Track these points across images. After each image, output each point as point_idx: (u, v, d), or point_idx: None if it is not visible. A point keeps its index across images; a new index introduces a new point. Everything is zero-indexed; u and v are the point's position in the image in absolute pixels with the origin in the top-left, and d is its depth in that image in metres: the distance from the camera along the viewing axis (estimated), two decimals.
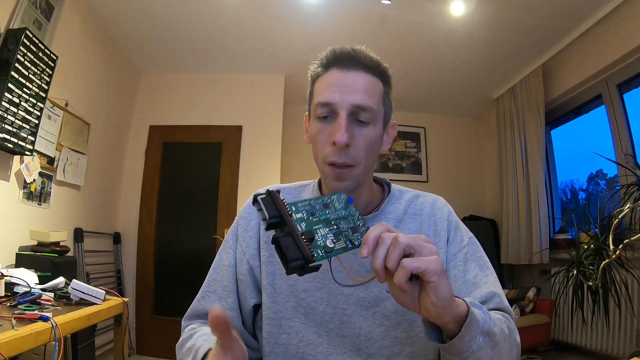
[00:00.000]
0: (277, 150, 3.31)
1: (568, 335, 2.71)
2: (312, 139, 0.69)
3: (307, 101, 0.75)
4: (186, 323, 0.74)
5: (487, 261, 0.71)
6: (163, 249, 3.24)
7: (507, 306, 0.66)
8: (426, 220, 0.74)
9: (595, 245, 1.92)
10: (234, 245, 0.77)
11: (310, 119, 0.72)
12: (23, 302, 1.26)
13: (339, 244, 0.49)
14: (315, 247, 0.47)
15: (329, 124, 0.66)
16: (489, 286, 0.66)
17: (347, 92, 0.65)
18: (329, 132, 0.65)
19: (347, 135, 0.63)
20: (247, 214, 0.78)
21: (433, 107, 4.08)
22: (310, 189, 0.79)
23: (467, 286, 0.67)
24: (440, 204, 0.77)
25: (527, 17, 2.55)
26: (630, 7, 2.33)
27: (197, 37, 2.95)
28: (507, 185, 3.44)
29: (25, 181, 2.04)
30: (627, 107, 2.58)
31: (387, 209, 0.74)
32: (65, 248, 2.05)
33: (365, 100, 0.65)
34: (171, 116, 3.41)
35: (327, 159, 0.65)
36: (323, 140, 0.66)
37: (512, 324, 0.63)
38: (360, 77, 0.66)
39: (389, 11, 2.53)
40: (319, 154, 0.67)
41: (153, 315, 3.14)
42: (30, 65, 1.92)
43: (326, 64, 0.69)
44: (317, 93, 0.69)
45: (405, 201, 0.76)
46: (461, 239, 0.72)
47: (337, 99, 0.65)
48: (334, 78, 0.67)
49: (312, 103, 0.70)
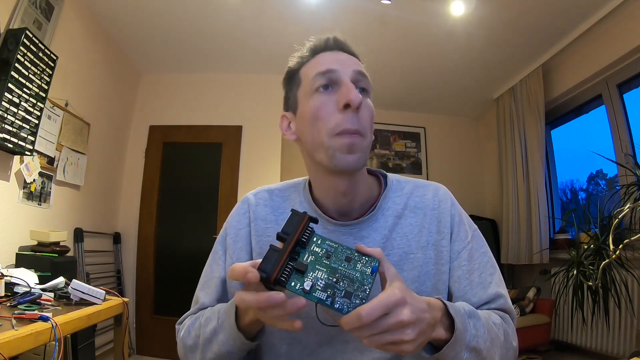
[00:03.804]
0: (277, 150, 3.31)
1: (568, 335, 2.71)
2: (312, 115, 0.63)
3: (287, 98, 0.72)
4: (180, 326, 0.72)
5: (492, 257, 0.69)
6: (163, 249, 3.24)
7: (510, 307, 0.65)
8: (428, 215, 0.70)
9: (595, 245, 1.92)
10: (222, 257, 0.72)
11: (299, 105, 0.67)
12: (23, 302, 1.25)
13: (320, 294, 0.46)
14: (297, 279, 0.46)
15: (331, 94, 0.63)
16: (494, 286, 0.65)
17: (345, 64, 0.64)
18: (335, 100, 0.62)
19: (360, 96, 0.60)
20: (236, 222, 0.73)
21: (433, 107, 4.08)
22: (299, 191, 0.74)
23: (471, 287, 0.65)
24: (442, 195, 0.72)
25: (527, 17, 2.55)
26: (630, 7, 2.33)
27: (197, 37, 2.95)
28: (507, 185, 3.44)
29: (25, 181, 2.04)
30: (627, 107, 2.58)
31: (385, 205, 0.70)
32: (65, 248, 2.05)
33: (363, 69, 0.65)
34: (171, 116, 3.41)
35: (338, 128, 0.60)
36: (329, 111, 0.62)
37: (510, 328, 0.63)
38: (351, 57, 0.67)
39: (389, 11, 2.53)
40: (323, 128, 0.62)
41: (153, 315, 3.14)
42: (30, 65, 1.92)
43: (314, 51, 0.68)
44: (308, 72, 0.66)
45: (405, 193, 0.72)
46: (465, 234, 0.69)
47: (338, 66, 0.63)
48: (327, 57, 0.66)
49: (304, 82, 0.67)
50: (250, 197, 0.75)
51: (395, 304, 0.45)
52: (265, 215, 0.72)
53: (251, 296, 0.46)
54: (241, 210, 0.74)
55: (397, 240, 0.67)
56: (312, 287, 0.46)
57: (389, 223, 0.68)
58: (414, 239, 0.67)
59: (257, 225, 0.71)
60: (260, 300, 0.45)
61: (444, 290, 0.66)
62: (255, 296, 0.45)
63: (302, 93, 0.66)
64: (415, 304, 0.47)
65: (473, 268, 0.66)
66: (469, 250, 0.68)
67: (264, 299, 0.45)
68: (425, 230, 0.68)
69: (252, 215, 0.72)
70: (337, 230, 0.67)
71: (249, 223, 0.72)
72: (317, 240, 0.49)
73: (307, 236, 0.48)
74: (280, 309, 0.45)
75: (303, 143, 0.67)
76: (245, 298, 0.46)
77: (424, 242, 0.67)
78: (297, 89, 0.68)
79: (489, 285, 0.65)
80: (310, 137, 0.64)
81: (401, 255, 0.66)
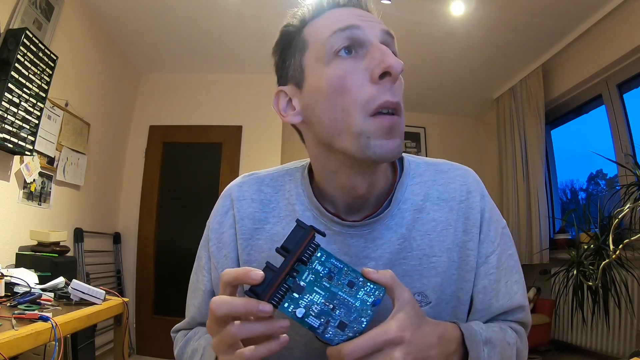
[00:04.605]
0: (277, 150, 3.31)
1: (568, 335, 2.71)
2: (334, 88, 0.48)
3: (283, 68, 0.57)
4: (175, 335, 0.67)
5: (518, 259, 0.61)
6: (163, 249, 3.24)
7: (528, 320, 0.60)
8: (455, 209, 0.57)
9: (595, 245, 1.92)
10: (207, 265, 0.61)
11: (306, 75, 0.52)
12: (23, 302, 1.25)
13: (313, 320, 0.41)
14: (291, 301, 0.42)
15: (356, 60, 0.49)
16: (519, 298, 0.58)
17: (369, 20, 0.51)
18: (365, 67, 0.48)
19: (400, 61, 0.47)
20: (218, 225, 0.61)
21: (433, 107, 4.08)
22: (296, 180, 0.60)
23: (497, 299, 0.57)
24: (471, 184, 0.59)
25: (527, 17, 2.55)
26: (630, 7, 2.33)
27: (197, 37, 2.95)
28: (507, 185, 3.44)
29: (25, 181, 2.04)
30: (627, 107, 2.58)
31: (402, 196, 0.56)
32: (65, 248, 2.05)
33: (390, 30, 0.52)
34: (171, 116, 3.41)
35: (374, 102, 0.47)
36: (357, 82, 0.47)
37: (523, 343, 0.58)
38: (372, 15, 0.53)
39: (389, 11, 2.52)
40: (352, 105, 0.47)
41: (153, 315, 3.14)
42: (30, 65, 1.92)
43: (321, 6, 0.53)
44: (319, 31, 0.51)
45: (426, 180, 0.59)
46: (495, 234, 0.58)
47: (362, 24, 0.49)
48: (344, 12, 0.51)
49: (312, 45, 0.52)
50: (233, 190, 0.61)
51: (386, 343, 0.40)
52: (252, 213, 0.59)
53: (240, 301, 0.39)
54: (223, 208, 0.61)
55: (417, 240, 0.55)
56: (306, 313, 0.42)
57: (406, 219, 0.56)
58: (437, 238, 0.56)
59: (243, 227, 0.59)
60: (249, 305, 0.39)
61: (466, 301, 0.57)
62: (244, 301, 0.39)
63: (312, 59, 0.51)
64: (418, 341, 0.42)
65: (500, 276, 0.57)
66: (498, 254, 0.57)
67: (253, 304, 0.39)
68: (451, 229, 0.56)
69: (236, 213, 0.59)
70: (344, 232, 0.55)
71: (234, 224, 0.59)
72: (321, 256, 0.44)
73: (311, 252, 0.43)
74: (264, 326, 0.40)
75: (314, 126, 0.52)
76: (232, 302, 0.39)
77: (449, 243, 0.56)
78: (301, 54, 0.53)
79: (515, 296, 0.57)
80: (330, 118, 0.49)
81: (421, 259, 0.55)
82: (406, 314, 0.42)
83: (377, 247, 0.55)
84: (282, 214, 0.59)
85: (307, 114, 0.53)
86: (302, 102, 0.54)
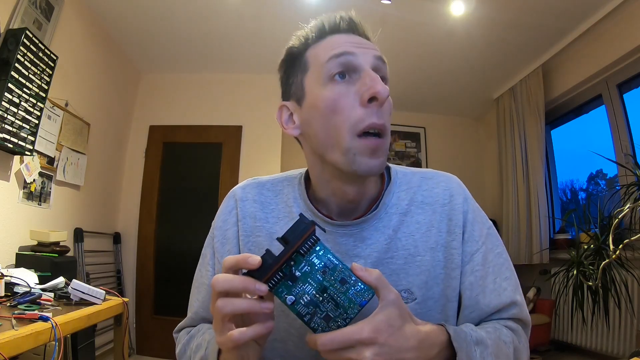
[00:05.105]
0: (277, 150, 3.31)
1: (568, 335, 2.71)
2: (328, 108, 0.54)
3: (287, 84, 0.63)
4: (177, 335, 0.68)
5: (507, 258, 0.63)
6: (163, 249, 3.24)
7: (525, 316, 0.60)
8: (438, 212, 0.62)
9: (595, 245, 1.92)
10: (211, 261, 0.66)
11: (306, 93, 0.58)
12: (23, 302, 1.25)
13: (302, 308, 0.45)
14: (285, 286, 0.45)
15: (349, 84, 0.55)
16: (509, 294, 0.59)
17: (363, 47, 0.56)
18: (356, 92, 0.54)
19: (387, 87, 0.53)
20: (222, 223, 0.67)
21: (433, 107, 4.08)
22: (294, 185, 0.66)
23: (485, 295, 0.59)
24: (454, 188, 0.64)
25: (527, 17, 2.55)
26: (630, 7, 2.33)
27: (197, 37, 2.95)
28: (507, 185, 3.44)
29: (25, 181, 2.04)
30: (627, 107, 2.58)
31: (389, 202, 0.62)
32: (65, 248, 2.05)
33: (382, 55, 0.57)
34: (171, 116, 3.41)
35: (362, 123, 0.53)
36: (348, 105, 0.53)
37: (522, 341, 0.58)
38: (367, 41, 0.59)
39: (389, 11, 2.53)
40: (342, 125, 0.53)
41: (153, 315, 3.14)
42: (30, 65, 1.92)
43: (322, 32, 0.59)
44: (318, 54, 0.57)
45: (412, 187, 0.64)
46: (479, 233, 0.62)
47: (357, 50, 0.55)
48: (341, 39, 0.57)
49: (312, 67, 0.58)
50: (237, 192, 0.68)
51: (357, 342, 0.42)
52: (253, 213, 0.65)
53: (239, 278, 0.43)
54: (227, 207, 0.68)
55: (402, 241, 0.60)
56: (296, 301, 0.45)
57: (393, 222, 0.61)
58: (421, 239, 0.60)
59: (245, 224, 0.65)
60: (246, 282, 0.43)
61: (454, 298, 0.60)
62: (242, 278, 0.43)
63: (311, 80, 0.58)
64: (392, 344, 0.43)
65: (487, 272, 0.60)
66: (484, 252, 0.61)
67: (250, 282, 0.43)
68: (434, 230, 0.61)
69: (239, 212, 0.65)
70: (335, 232, 0.60)
71: (237, 222, 0.65)
72: (319, 250, 0.46)
73: (309, 245, 0.45)
74: (248, 303, 0.43)
75: (310, 139, 0.59)
76: (231, 279, 0.43)
77: (432, 243, 0.60)
78: (302, 74, 0.59)
79: (504, 292, 0.59)
80: (324, 134, 0.55)
81: (407, 258, 0.60)
82: (385, 316, 0.44)
83: (366, 246, 0.60)
84: (280, 215, 0.65)
85: (305, 128, 0.60)
86: (301, 117, 0.60)
